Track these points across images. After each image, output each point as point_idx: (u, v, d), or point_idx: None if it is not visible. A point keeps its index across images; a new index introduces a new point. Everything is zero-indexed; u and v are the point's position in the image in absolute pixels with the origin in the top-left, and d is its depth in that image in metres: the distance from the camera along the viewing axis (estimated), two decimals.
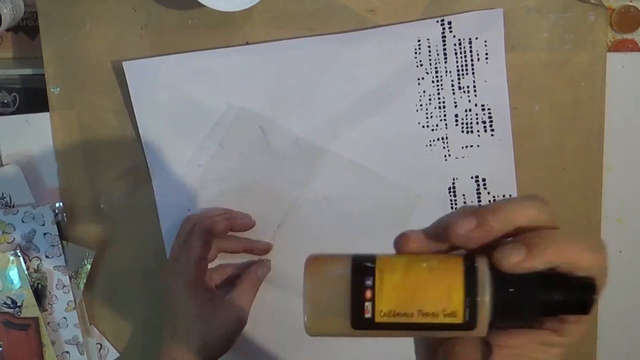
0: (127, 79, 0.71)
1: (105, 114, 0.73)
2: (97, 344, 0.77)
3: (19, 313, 0.74)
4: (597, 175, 0.72)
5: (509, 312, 0.36)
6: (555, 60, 0.70)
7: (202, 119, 0.72)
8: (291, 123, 0.72)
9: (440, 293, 0.35)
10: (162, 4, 0.71)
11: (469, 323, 0.35)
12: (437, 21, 0.69)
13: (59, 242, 0.74)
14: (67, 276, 0.74)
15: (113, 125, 0.73)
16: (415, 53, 0.70)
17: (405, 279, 0.36)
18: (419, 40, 0.70)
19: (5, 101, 0.74)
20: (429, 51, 0.70)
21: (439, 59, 0.70)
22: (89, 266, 0.75)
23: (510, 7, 0.69)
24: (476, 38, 0.69)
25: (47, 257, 0.74)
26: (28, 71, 0.73)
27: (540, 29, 0.70)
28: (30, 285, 0.74)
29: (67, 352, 0.76)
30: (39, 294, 0.74)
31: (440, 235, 0.37)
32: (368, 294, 0.36)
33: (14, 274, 0.73)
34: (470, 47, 0.70)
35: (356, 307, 0.36)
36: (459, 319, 0.35)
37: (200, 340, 0.64)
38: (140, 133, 0.72)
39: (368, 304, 0.36)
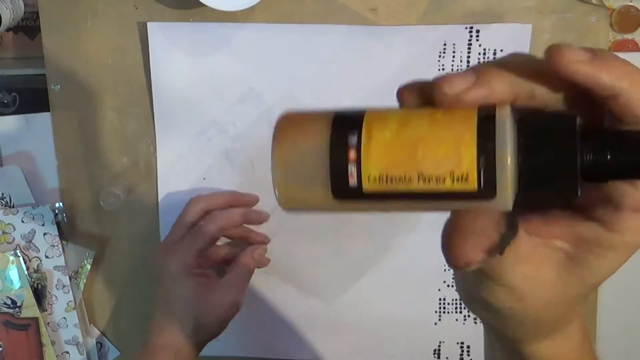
0: (149, 40, 0.70)
1: (106, 111, 0.73)
2: (97, 343, 0.77)
3: (19, 313, 0.74)
4: None
5: (541, 175, 0.26)
6: None
7: (217, 93, 0.71)
8: (304, 108, 0.71)
9: (446, 149, 0.26)
10: (163, 2, 0.70)
11: (486, 190, 0.26)
12: (466, 28, 0.69)
13: (59, 242, 0.74)
14: (67, 276, 0.74)
15: (113, 122, 0.73)
16: (439, 56, 0.70)
17: (401, 133, 0.27)
18: (444, 44, 0.70)
19: (5, 101, 0.74)
20: (453, 56, 0.70)
21: (461, 65, 0.70)
22: (89, 266, 0.75)
23: (512, 7, 0.69)
24: (501, 50, 0.70)
25: (47, 257, 0.74)
26: (28, 71, 0.73)
27: (542, 29, 0.70)
28: (30, 286, 0.73)
29: (67, 352, 0.76)
30: (39, 294, 0.74)
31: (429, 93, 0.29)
32: (351, 153, 0.27)
33: (14, 274, 0.73)
34: (494, 58, 0.70)
35: (337, 171, 0.27)
36: (471, 185, 0.26)
37: (194, 323, 0.64)
38: (153, 97, 0.72)
39: (352, 167, 0.27)
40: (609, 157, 0.26)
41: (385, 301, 0.75)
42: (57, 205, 0.74)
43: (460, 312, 0.75)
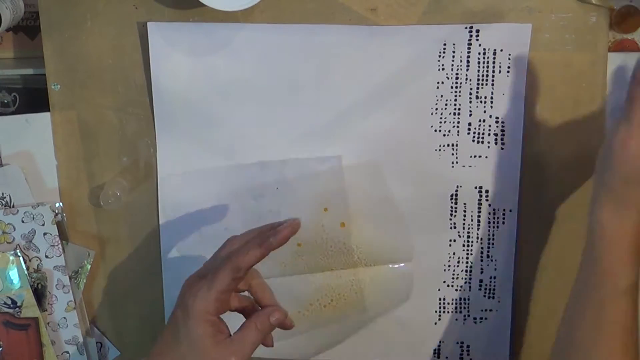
0: (149, 40, 0.70)
1: (106, 111, 0.73)
2: (97, 343, 0.77)
3: (19, 313, 0.74)
4: None
5: None
6: (556, 60, 0.70)
7: (217, 93, 0.71)
8: (304, 108, 0.72)
9: None
10: (163, 2, 0.70)
11: None
12: (466, 27, 0.69)
13: (59, 242, 0.74)
14: (67, 276, 0.74)
15: (113, 122, 0.73)
16: (439, 56, 0.70)
17: None
18: (444, 44, 0.70)
19: (5, 101, 0.74)
20: (453, 56, 0.70)
21: (461, 65, 0.70)
22: (89, 266, 0.75)
23: (512, 7, 0.69)
24: (501, 50, 0.70)
25: (47, 257, 0.74)
26: (28, 71, 0.73)
27: (542, 29, 0.70)
28: (30, 285, 0.73)
29: (67, 352, 0.76)
30: (39, 294, 0.74)
31: None
32: None
33: (14, 274, 0.73)
34: (494, 58, 0.70)
35: None
36: None
37: None
38: (153, 97, 0.71)
39: None
40: None
41: (386, 301, 0.75)
42: (57, 205, 0.74)
43: (460, 312, 0.75)
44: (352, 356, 0.76)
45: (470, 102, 0.71)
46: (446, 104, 0.71)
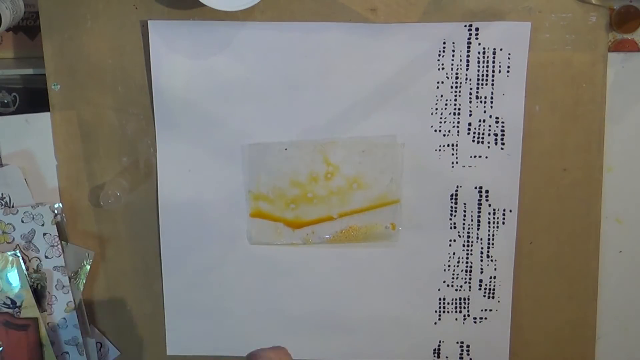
0: (150, 38, 0.70)
1: (106, 111, 0.73)
2: (97, 343, 0.77)
3: (18, 313, 0.74)
4: (597, 175, 0.72)
5: None
6: (556, 60, 0.70)
7: (217, 93, 0.71)
8: (304, 107, 0.72)
9: None
10: (163, 2, 0.70)
11: None
12: (465, 25, 0.69)
13: (59, 242, 0.74)
14: (67, 276, 0.74)
15: (113, 122, 0.73)
16: (439, 56, 0.70)
17: None
18: (444, 43, 0.70)
19: (5, 101, 0.74)
20: (452, 56, 0.70)
21: (461, 65, 0.70)
22: (88, 267, 0.75)
23: (512, 8, 0.69)
24: (500, 49, 0.70)
25: (46, 257, 0.74)
26: (28, 71, 0.73)
27: (542, 29, 0.70)
28: (30, 286, 0.73)
29: (67, 353, 0.75)
30: (39, 294, 0.74)
31: None
32: None
33: (13, 274, 0.73)
34: (494, 57, 0.70)
35: None
36: None
37: None
38: (153, 97, 0.72)
39: None
40: None
41: (385, 301, 0.75)
42: (56, 205, 0.74)
43: (460, 312, 0.75)
44: (353, 356, 0.76)
45: (470, 102, 0.71)
46: (446, 104, 0.71)
